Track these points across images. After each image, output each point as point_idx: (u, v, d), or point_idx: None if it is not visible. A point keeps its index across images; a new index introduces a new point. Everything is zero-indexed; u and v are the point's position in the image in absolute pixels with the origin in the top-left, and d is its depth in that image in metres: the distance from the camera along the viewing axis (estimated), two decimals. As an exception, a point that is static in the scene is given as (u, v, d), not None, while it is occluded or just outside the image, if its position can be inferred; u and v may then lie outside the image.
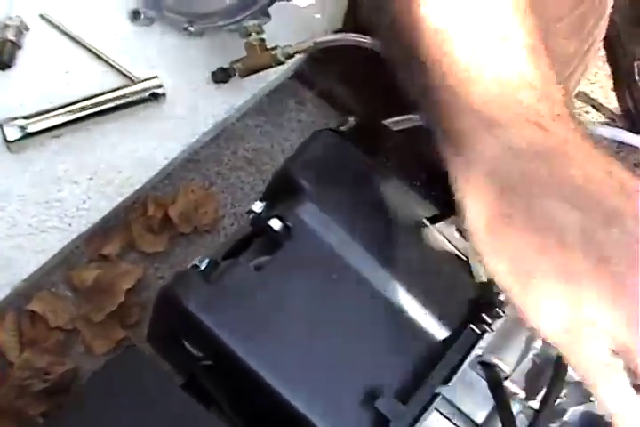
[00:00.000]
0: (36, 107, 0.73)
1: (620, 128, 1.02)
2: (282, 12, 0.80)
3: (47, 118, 0.73)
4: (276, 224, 0.51)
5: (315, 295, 0.50)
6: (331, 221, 0.51)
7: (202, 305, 0.48)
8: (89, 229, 0.74)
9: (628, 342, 0.43)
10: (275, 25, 0.80)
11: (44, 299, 0.74)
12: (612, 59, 1.07)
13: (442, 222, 0.52)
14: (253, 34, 0.80)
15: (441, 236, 0.53)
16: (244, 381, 0.49)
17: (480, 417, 0.53)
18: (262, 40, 0.80)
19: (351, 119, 0.55)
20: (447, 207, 0.51)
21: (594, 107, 1.05)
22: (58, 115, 0.73)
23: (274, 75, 0.82)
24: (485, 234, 0.44)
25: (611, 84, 1.07)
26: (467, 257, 0.53)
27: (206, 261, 0.50)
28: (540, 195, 0.43)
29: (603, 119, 1.05)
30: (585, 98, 1.06)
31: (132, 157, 0.75)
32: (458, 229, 0.53)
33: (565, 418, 0.54)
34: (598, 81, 1.05)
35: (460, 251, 0.53)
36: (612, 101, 1.04)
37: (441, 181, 0.46)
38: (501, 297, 0.53)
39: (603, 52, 1.07)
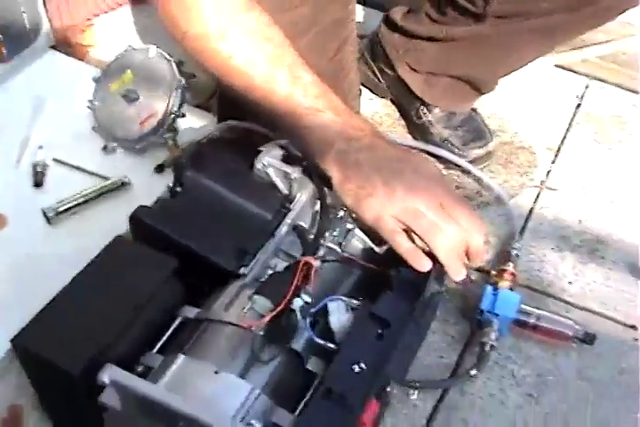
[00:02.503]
0: (61, 197, 1.26)
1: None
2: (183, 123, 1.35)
3: (68, 203, 1.25)
4: (177, 187, 1.03)
5: (202, 208, 1.00)
6: (203, 177, 1.02)
7: (148, 216, 0.97)
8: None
9: (405, 220, 0.91)
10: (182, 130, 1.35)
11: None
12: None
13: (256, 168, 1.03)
14: (169, 140, 1.34)
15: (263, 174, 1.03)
16: (183, 257, 0.96)
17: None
18: (175, 142, 1.34)
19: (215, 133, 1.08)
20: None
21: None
22: (73, 200, 1.26)
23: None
24: (339, 186, 0.92)
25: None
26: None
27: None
28: (358, 168, 0.91)
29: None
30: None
31: (115, 219, 1.24)
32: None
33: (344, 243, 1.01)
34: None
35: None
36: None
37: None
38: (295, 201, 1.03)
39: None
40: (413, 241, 0.90)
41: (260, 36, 0.96)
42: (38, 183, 1.27)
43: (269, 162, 1.00)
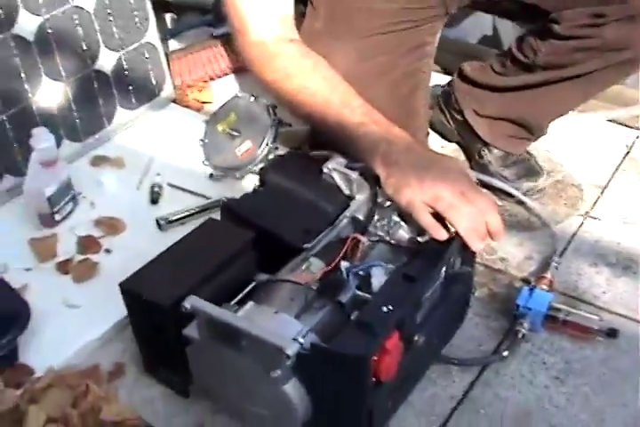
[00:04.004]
0: (171, 210, 1.53)
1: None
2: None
3: (177, 214, 1.51)
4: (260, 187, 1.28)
5: (278, 202, 1.25)
6: (280, 178, 1.27)
7: (235, 204, 1.23)
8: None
9: (431, 203, 1.15)
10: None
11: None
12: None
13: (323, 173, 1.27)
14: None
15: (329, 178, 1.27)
16: (261, 237, 1.20)
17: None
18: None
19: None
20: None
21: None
22: (182, 213, 1.53)
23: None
24: (384, 181, 1.16)
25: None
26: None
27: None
28: (397, 167, 1.16)
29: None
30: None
31: None
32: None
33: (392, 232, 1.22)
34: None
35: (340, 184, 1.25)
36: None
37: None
38: (355, 200, 1.25)
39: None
40: (438, 221, 1.12)
41: (317, 76, 1.25)
42: (154, 200, 1.54)
43: (334, 167, 1.24)
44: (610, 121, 1.82)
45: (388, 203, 1.20)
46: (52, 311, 1.30)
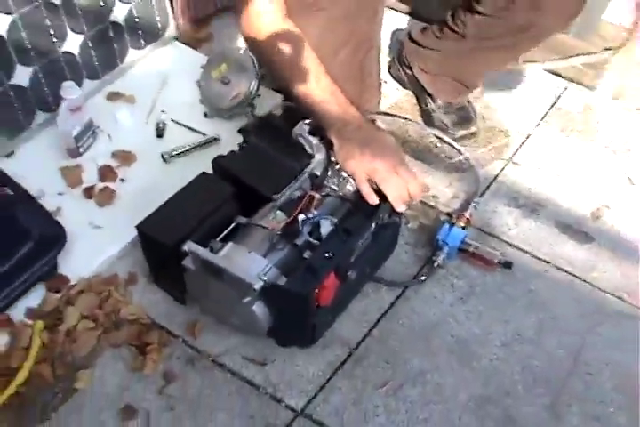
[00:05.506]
0: (174, 145, 1.92)
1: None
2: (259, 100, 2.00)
3: (178, 149, 1.90)
4: (243, 144, 1.68)
5: (256, 158, 1.64)
6: (259, 139, 1.66)
7: (223, 161, 1.62)
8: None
9: (369, 174, 1.55)
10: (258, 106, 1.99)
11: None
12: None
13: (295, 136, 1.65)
14: (249, 112, 1.97)
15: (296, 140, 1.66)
16: (242, 187, 1.60)
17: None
18: (253, 113, 1.98)
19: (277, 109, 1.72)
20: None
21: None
22: (182, 148, 1.92)
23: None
24: (337, 151, 1.53)
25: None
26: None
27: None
28: (348, 141, 1.53)
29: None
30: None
31: (208, 162, 1.90)
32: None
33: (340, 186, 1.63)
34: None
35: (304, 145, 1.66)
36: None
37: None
38: (314, 159, 1.65)
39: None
40: (374, 189, 1.52)
41: (299, 57, 1.58)
42: (160, 135, 1.93)
43: (299, 132, 1.62)
44: (547, 71, 2.17)
45: (339, 166, 1.59)
46: (81, 231, 1.70)
